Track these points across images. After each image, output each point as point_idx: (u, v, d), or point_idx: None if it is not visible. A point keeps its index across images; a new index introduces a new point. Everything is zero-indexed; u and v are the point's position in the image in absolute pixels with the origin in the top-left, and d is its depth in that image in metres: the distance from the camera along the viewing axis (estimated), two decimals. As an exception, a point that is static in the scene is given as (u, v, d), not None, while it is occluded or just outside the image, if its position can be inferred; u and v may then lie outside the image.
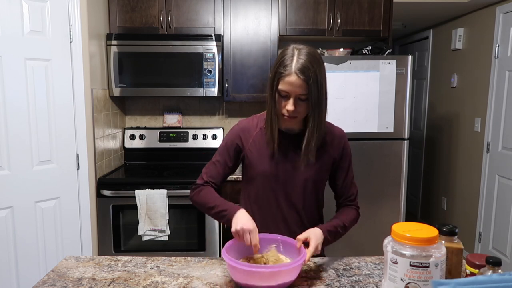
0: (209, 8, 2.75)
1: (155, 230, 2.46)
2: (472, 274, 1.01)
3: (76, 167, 2.32)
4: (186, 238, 2.56)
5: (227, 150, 1.36)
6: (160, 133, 3.01)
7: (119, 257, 1.33)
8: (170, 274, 1.20)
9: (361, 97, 2.60)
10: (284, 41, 2.88)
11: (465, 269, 1.04)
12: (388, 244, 0.97)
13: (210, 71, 2.69)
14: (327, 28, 2.80)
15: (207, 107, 3.15)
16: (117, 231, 2.51)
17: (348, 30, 2.81)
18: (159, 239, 2.49)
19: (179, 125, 3.12)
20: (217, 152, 1.38)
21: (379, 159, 2.67)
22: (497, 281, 0.74)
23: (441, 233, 1.04)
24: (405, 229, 0.95)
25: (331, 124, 1.38)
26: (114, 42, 2.65)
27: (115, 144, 2.88)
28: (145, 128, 3.05)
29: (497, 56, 3.04)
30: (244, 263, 1.09)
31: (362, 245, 2.69)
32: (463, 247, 1.05)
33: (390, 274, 0.95)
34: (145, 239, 2.48)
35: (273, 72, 1.21)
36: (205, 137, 3.01)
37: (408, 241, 0.92)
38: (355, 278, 1.19)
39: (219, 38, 2.69)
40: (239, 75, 2.81)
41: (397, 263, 0.93)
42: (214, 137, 3.01)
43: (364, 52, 2.73)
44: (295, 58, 1.16)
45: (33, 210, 2.14)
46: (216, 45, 2.68)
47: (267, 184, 1.33)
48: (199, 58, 2.68)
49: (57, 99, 2.19)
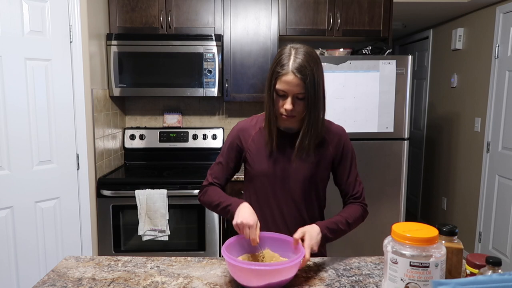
0: (209, 8, 2.75)
1: (155, 230, 2.46)
2: (472, 274, 1.01)
3: (76, 167, 2.32)
4: (186, 238, 2.56)
5: (228, 151, 1.39)
6: (160, 133, 3.01)
7: (119, 257, 1.32)
8: (170, 274, 1.20)
9: (361, 97, 2.60)
10: (284, 41, 2.88)
11: (465, 269, 1.04)
12: (388, 244, 0.97)
13: (210, 71, 2.69)
14: (327, 28, 2.80)
15: (207, 107, 3.15)
16: (117, 231, 2.51)
17: (348, 30, 2.81)
18: (159, 239, 2.49)
19: (179, 125, 3.12)
20: (220, 153, 1.42)
21: (379, 159, 2.67)
22: (497, 281, 0.74)
23: (441, 233, 1.04)
24: (405, 229, 0.95)
25: (330, 122, 1.38)
26: (114, 42, 2.65)
27: (115, 144, 2.88)
28: (145, 128, 3.05)
29: (497, 56, 3.03)
30: (240, 260, 1.08)
31: (362, 245, 2.69)
32: (463, 247, 1.05)
33: (390, 274, 0.95)
34: (145, 239, 2.48)
35: (270, 71, 1.22)
36: (205, 137, 3.01)
37: (408, 241, 0.92)
38: (355, 278, 1.19)
39: (219, 38, 2.69)
40: (239, 75, 2.81)
41: (397, 263, 0.93)
42: (214, 137, 3.01)
43: (364, 52, 2.73)
44: (292, 57, 1.17)
45: (33, 210, 2.14)
46: (216, 45, 2.68)
47: (266, 183, 1.33)
48: (199, 58, 2.68)
49: (57, 99, 2.19)
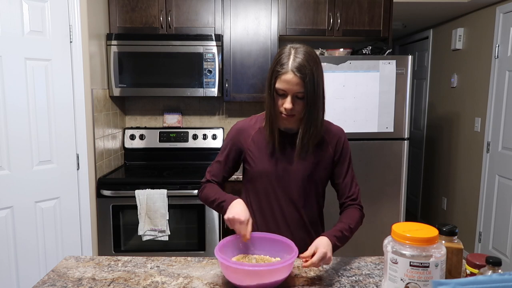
0: (209, 8, 2.75)
1: (155, 230, 2.46)
2: (472, 274, 1.01)
3: (76, 167, 2.32)
4: (186, 238, 2.56)
5: (227, 150, 1.39)
6: (160, 133, 3.01)
7: (119, 257, 1.33)
8: (170, 274, 1.20)
9: (361, 97, 2.60)
10: (284, 41, 2.88)
11: (465, 269, 1.04)
12: (388, 244, 0.97)
13: (210, 71, 2.69)
14: (327, 28, 2.80)
15: (207, 107, 3.15)
16: (117, 231, 2.51)
17: (348, 30, 2.81)
18: (159, 239, 2.49)
19: (179, 125, 3.12)
20: (220, 152, 1.43)
21: (379, 159, 2.67)
22: (497, 281, 0.74)
23: (441, 233, 1.04)
24: (405, 229, 0.95)
25: (330, 122, 1.38)
26: (114, 42, 2.65)
27: (115, 144, 2.88)
28: (145, 128, 3.05)
29: (497, 56, 3.03)
30: (230, 261, 1.07)
31: (362, 245, 2.69)
32: (463, 247, 1.05)
33: (390, 274, 0.95)
34: (145, 239, 2.48)
35: (270, 71, 1.22)
36: (205, 137, 3.01)
37: (408, 241, 0.92)
38: (355, 278, 1.19)
39: (219, 38, 2.69)
40: (239, 75, 2.81)
41: (397, 263, 0.93)
42: (214, 137, 3.01)
43: (364, 52, 2.73)
44: (292, 56, 1.18)
45: (33, 210, 2.14)
46: (216, 45, 2.68)
47: (266, 182, 1.33)
48: (199, 58, 2.68)
49: (57, 99, 2.19)
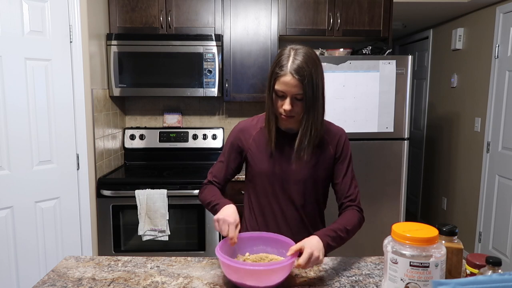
0: (209, 8, 2.75)
1: (155, 230, 2.46)
2: (472, 274, 1.01)
3: (76, 167, 2.32)
4: (186, 238, 2.56)
5: (229, 151, 1.39)
6: (160, 133, 3.01)
7: (119, 257, 1.33)
8: (170, 274, 1.20)
9: (361, 97, 2.60)
10: (284, 41, 2.88)
11: (465, 269, 1.04)
12: (388, 244, 0.97)
13: (210, 71, 2.69)
14: (327, 28, 2.80)
15: (207, 107, 3.15)
16: (117, 231, 2.51)
17: (348, 30, 2.81)
18: (159, 239, 2.49)
19: (179, 125, 3.12)
20: (222, 152, 1.43)
21: (379, 159, 2.67)
22: (497, 281, 0.74)
23: (441, 233, 1.04)
24: (405, 229, 0.95)
25: (330, 123, 1.38)
26: (114, 42, 2.65)
27: (115, 144, 2.88)
28: (145, 128, 3.05)
29: (497, 56, 3.03)
30: (229, 259, 1.07)
31: (362, 245, 2.69)
32: (463, 247, 1.05)
33: (390, 274, 0.95)
34: (145, 239, 2.48)
35: (270, 72, 1.23)
36: (205, 137, 3.01)
37: (408, 241, 0.92)
38: (355, 278, 1.19)
39: (219, 38, 2.69)
40: (239, 75, 2.81)
41: (397, 263, 0.93)
42: (214, 137, 3.01)
43: (364, 52, 2.73)
44: (291, 58, 1.18)
45: (33, 210, 2.14)
46: (216, 45, 2.68)
47: (266, 182, 1.34)
48: (199, 58, 2.68)
49: (57, 99, 2.19)
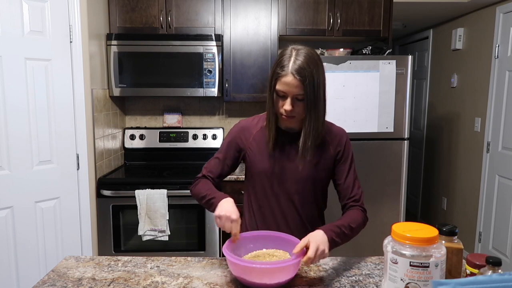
0: (209, 8, 2.75)
1: (155, 230, 2.46)
2: (472, 274, 1.01)
3: (76, 167, 2.32)
4: (186, 238, 2.56)
5: (227, 148, 1.39)
6: (160, 133, 3.01)
7: (119, 257, 1.33)
8: (170, 274, 1.20)
9: (361, 97, 2.60)
10: (284, 41, 2.88)
11: (465, 269, 1.04)
12: (388, 244, 0.97)
13: (210, 71, 2.69)
14: (327, 28, 2.80)
15: (207, 107, 3.15)
16: (117, 231, 2.51)
17: (348, 30, 2.81)
18: (159, 239, 2.49)
19: (179, 125, 3.12)
20: (219, 149, 1.42)
21: (379, 159, 2.67)
22: (497, 281, 0.74)
23: (441, 233, 1.04)
24: (405, 229, 0.95)
25: (331, 123, 1.38)
26: (114, 42, 2.65)
27: (115, 144, 2.88)
28: (145, 128, 3.05)
29: (497, 56, 3.03)
30: (238, 258, 1.08)
31: (362, 245, 2.69)
32: (463, 247, 1.05)
33: (390, 274, 0.95)
34: (145, 239, 2.48)
35: (271, 72, 1.22)
36: (205, 137, 3.01)
37: (408, 241, 0.92)
38: (355, 278, 1.19)
39: (219, 38, 2.69)
40: (239, 75, 2.81)
41: (397, 263, 0.93)
42: (214, 137, 3.01)
43: (364, 52, 2.73)
44: (293, 58, 1.17)
45: (33, 210, 2.14)
46: (216, 45, 2.68)
47: (266, 182, 1.34)
48: (199, 58, 2.68)
49: (57, 99, 2.19)
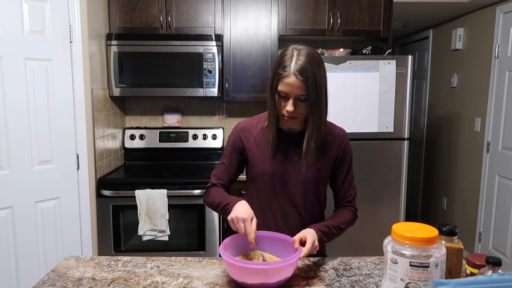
0: (209, 8, 2.75)
1: (155, 230, 2.46)
2: (472, 274, 1.01)
3: (76, 167, 2.32)
4: (186, 238, 2.56)
5: (230, 151, 1.38)
6: (160, 133, 3.01)
7: (119, 257, 1.32)
8: (170, 274, 1.20)
9: (361, 97, 2.60)
10: (284, 41, 2.88)
11: (465, 269, 1.04)
12: (388, 244, 0.97)
13: (210, 71, 2.69)
14: (327, 28, 2.80)
15: (207, 107, 3.15)
16: (117, 231, 2.51)
17: (348, 30, 2.81)
18: (159, 239, 2.49)
19: (179, 125, 3.12)
20: (223, 154, 1.42)
21: (379, 159, 2.67)
22: (497, 281, 0.74)
23: (441, 233, 1.04)
24: (405, 229, 0.95)
25: (332, 124, 1.38)
26: (114, 42, 2.65)
27: (115, 144, 2.88)
28: (145, 128, 3.05)
29: (497, 56, 3.03)
30: (237, 259, 1.08)
31: (362, 245, 2.69)
32: (463, 247, 1.05)
33: (390, 274, 0.95)
34: (145, 239, 2.48)
35: (272, 73, 1.21)
36: (205, 137, 3.01)
37: (408, 241, 0.92)
38: (355, 278, 1.19)
39: (219, 38, 2.69)
40: (239, 75, 2.81)
41: (397, 263, 0.93)
42: (214, 137, 3.01)
43: (364, 52, 2.73)
44: (294, 59, 1.17)
45: (33, 210, 2.14)
46: (216, 45, 2.68)
47: (267, 183, 1.33)
48: (199, 58, 2.68)
49: (57, 99, 2.19)
